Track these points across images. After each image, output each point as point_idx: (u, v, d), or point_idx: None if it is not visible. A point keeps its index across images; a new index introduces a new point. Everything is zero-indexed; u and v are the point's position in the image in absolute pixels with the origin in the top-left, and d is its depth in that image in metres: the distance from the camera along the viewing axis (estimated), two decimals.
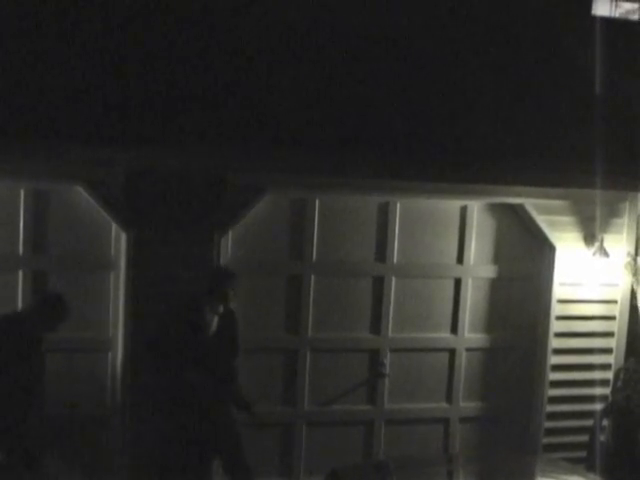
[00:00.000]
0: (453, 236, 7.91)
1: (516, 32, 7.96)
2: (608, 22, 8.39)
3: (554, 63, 7.99)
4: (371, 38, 7.45)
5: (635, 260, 8.13)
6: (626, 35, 8.41)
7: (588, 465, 7.64)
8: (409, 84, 7.48)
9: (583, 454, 7.88)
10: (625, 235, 8.14)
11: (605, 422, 7.96)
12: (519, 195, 7.76)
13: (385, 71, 7.47)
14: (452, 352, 8.03)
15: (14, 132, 6.43)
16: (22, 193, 6.82)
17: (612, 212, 8.07)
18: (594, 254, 7.96)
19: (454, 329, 7.99)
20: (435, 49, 7.67)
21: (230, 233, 7.24)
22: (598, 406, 8.00)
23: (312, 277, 7.54)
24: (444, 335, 8.00)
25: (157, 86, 6.81)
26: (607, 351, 8.21)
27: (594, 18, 8.49)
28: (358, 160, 7.20)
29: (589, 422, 7.98)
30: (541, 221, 7.91)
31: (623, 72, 8.08)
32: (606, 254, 7.95)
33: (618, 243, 8.09)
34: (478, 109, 7.60)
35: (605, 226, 8.02)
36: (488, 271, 8.03)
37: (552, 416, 8.16)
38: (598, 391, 8.08)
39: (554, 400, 8.14)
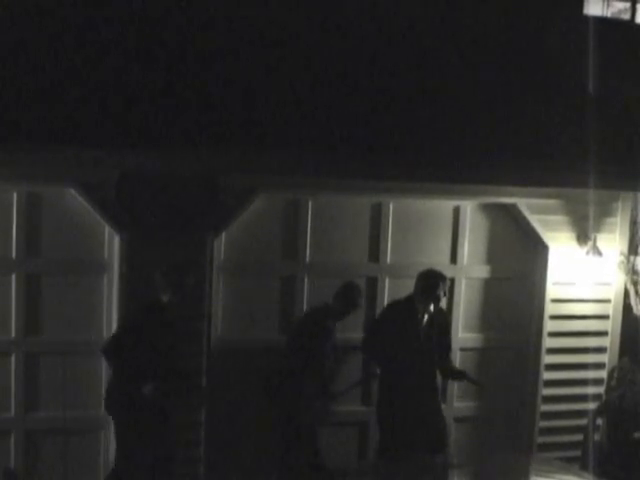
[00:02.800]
0: (446, 236, 7.93)
1: (508, 32, 7.99)
2: (600, 21, 8.42)
3: (546, 63, 8.01)
4: (361, 37, 7.48)
5: (628, 259, 8.15)
6: (618, 34, 8.44)
7: (582, 464, 7.66)
8: (401, 84, 7.49)
9: (577, 453, 7.90)
10: (618, 234, 8.17)
11: (599, 421, 7.98)
12: (512, 195, 7.77)
13: (377, 72, 7.48)
14: None
15: (6, 135, 6.41)
16: (15, 196, 6.81)
17: (605, 211, 8.09)
18: (587, 253, 7.98)
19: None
20: (427, 49, 7.69)
21: (223, 234, 7.25)
22: (592, 405, 8.02)
23: (305, 278, 7.55)
24: None
25: (149, 88, 6.81)
26: (601, 350, 8.23)
27: (586, 18, 8.53)
28: (350, 161, 7.20)
29: (583, 421, 8.00)
30: (534, 221, 7.92)
31: (615, 71, 8.10)
32: (599, 253, 7.96)
33: (611, 242, 8.11)
34: (470, 109, 7.61)
35: (598, 225, 8.04)
36: (481, 271, 8.05)
37: (546, 415, 8.18)
38: (592, 390, 8.09)
39: (548, 399, 8.17)
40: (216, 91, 6.98)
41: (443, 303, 7.38)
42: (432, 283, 7.05)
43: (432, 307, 7.10)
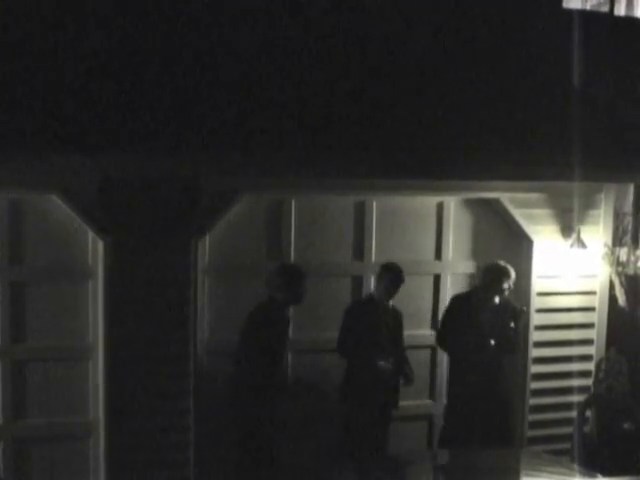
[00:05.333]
0: (430, 233, 7.95)
1: (488, 27, 7.99)
2: (579, 14, 8.42)
3: (526, 56, 8.01)
4: (342, 38, 7.48)
5: (612, 251, 8.16)
6: (597, 27, 8.45)
7: (572, 457, 7.68)
8: (380, 82, 7.49)
9: (567, 446, 7.91)
10: (602, 226, 8.19)
11: (588, 413, 7.99)
12: (495, 190, 7.78)
13: (357, 70, 7.48)
14: (434, 349, 8.05)
15: None
16: None
17: (588, 204, 8.10)
18: (571, 246, 8.00)
19: (434, 326, 8.01)
20: (407, 46, 7.69)
21: (207, 236, 7.25)
22: (580, 397, 8.04)
23: None
24: (425, 332, 8.03)
25: (129, 93, 6.79)
26: (587, 342, 8.25)
27: (565, 10, 8.55)
28: (332, 160, 7.19)
29: (572, 414, 8.02)
30: (518, 215, 7.93)
31: (595, 64, 8.11)
32: (583, 245, 7.98)
33: (595, 234, 8.12)
34: (451, 105, 7.60)
35: (582, 217, 8.05)
36: (467, 267, 8.08)
37: (535, 409, 8.19)
38: (580, 382, 8.11)
39: (536, 393, 8.18)
40: (197, 94, 6.97)
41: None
42: (497, 277, 7.45)
43: (497, 300, 7.48)
